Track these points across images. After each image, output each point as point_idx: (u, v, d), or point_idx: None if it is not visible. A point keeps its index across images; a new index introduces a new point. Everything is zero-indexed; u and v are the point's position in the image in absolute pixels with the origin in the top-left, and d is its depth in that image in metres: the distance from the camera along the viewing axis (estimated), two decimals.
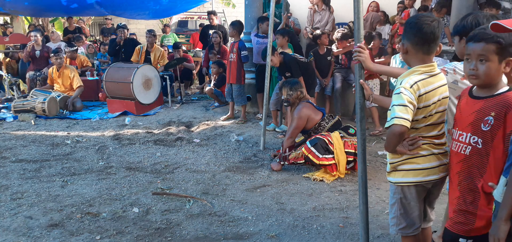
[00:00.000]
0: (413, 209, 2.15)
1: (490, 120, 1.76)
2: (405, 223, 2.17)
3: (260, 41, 6.48)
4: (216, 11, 11.24)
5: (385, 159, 4.71)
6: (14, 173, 4.38)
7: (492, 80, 1.80)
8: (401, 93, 1.95)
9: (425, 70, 2.01)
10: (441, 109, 2.05)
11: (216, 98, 7.68)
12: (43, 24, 13.68)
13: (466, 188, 1.87)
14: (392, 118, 1.94)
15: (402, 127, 1.92)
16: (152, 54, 8.39)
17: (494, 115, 1.75)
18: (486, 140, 1.78)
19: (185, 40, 13.76)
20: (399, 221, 2.18)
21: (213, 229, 3.18)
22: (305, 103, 4.57)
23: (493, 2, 5.59)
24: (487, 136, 1.78)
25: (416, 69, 2.02)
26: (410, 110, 1.93)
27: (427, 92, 1.98)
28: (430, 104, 1.99)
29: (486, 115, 1.78)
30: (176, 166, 4.63)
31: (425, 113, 2.00)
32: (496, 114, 1.74)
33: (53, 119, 6.88)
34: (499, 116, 1.74)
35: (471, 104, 1.87)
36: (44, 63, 8.49)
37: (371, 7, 7.78)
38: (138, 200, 3.69)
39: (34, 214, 3.40)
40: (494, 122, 1.75)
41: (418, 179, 2.09)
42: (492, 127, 1.75)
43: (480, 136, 1.80)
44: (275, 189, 3.95)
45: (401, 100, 1.94)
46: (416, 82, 1.97)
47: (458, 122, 1.93)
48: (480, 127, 1.79)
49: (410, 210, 2.15)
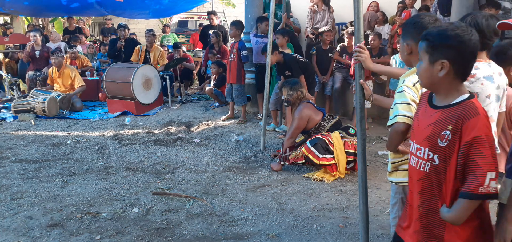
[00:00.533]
0: None
1: (447, 135, 1.56)
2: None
3: (259, 41, 6.48)
4: (216, 11, 11.24)
5: (385, 159, 4.73)
6: (14, 173, 4.38)
7: (430, 84, 1.66)
8: (404, 91, 1.96)
9: None
10: None
11: (216, 98, 7.68)
12: (43, 24, 13.67)
13: (429, 209, 1.67)
14: (395, 116, 1.95)
15: (405, 124, 1.93)
16: (152, 54, 8.39)
17: (451, 129, 1.55)
18: (443, 157, 1.59)
19: (185, 40, 13.76)
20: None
21: (213, 229, 3.18)
22: (306, 103, 4.57)
23: (493, 2, 5.60)
24: (444, 153, 1.58)
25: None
26: (412, 108, 1.94)
27: None
28: None
29: (443, 129, 1.58)
30: (176, 166, 4.63)
31: None
32: (453, 127, 1.55)
33: (53, 119, 6.88)
34: (456, 129, 1.55)
35: (429, 114, 1.67)
36: (44, 63, 8.49)
37: (371, 7, 7.79)
38: (138, 200, 3.69)
39: (34, 214, 3.40)
40: (451, 137, 1.55)
41: None
42: (450, 143, 1.56)
43: (438, 152, 1.60)
44: (275, 189, 3.95)
45: (404, 98, 1.95)
46: (418, 81, 1.97)
47: (416, 134, 1.73)
48: (437, 143, 1.59)
49: None
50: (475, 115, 1.53)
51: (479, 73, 2.20)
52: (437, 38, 1.58)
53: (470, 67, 1.62)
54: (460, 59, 1.58)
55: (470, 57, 1.59)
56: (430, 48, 1.60)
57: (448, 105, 1.61)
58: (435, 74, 1.60)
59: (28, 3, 9.83)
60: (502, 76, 2.30)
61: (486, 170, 1.48)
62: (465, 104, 1.57)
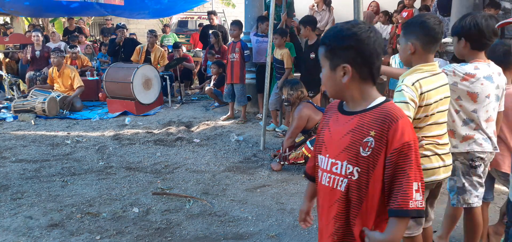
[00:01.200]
0: None
1: (370, 142, 1.36)
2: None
3: (259, 41, 6.48)
4: (216, 11, 11.25)
5: None
6: (14, 173, 4.38)
7: (337, 93, 1.47)
8: (403, 90, 1.96)
9: (427, 69, 2.03)
10: (443, 108, 2.06)
11: (216, 98, 7.68)
12: (43, 24, 13.67)
13: (344, 236, 1.45)
14: None
15: None
16: (152, 54, 8.40)
17: (375, 134, 1.35)
18: (365, 169, 1.38)
19: (185, 40, 13.77)
20: None
21: (213, 229, 3.18)
22: (306, 103, 4.57)
23: (493, 3, 5.60)
24: (367, 164, 1.37)
25: (418, 68, 2.03)
26: (411, 107, 1.94)
27: (429, 91, 1.99)
28: (431, 103, 2.00)
29: (364, 136, 1.37)
30: (176, 166, 4.63)
31: (426, 111, 2.01)
32: (378, 133, 1.35)
33: (53, 119, 6.88)
34: (381, 135, 1.35)
35: (343, 122, 1.45)
36: (44, 63, 8.50)
37: (371, 7, 7.79)
38: (138, 200, 3.69)
39: (34, 214, 3.40)
40: (375, 145, 1.35)
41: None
42: (374, 151, 1.36)
43: (359, 164, 1.38)
44: (275, 189, 3.96)
45: (402, 98, 1.95)
46: (418, 80, 1.98)
47: (329, 147, 1.48)
48: (359, 152, 1.38)
49: None
50: (401, 117, 1.36)
51: (479, 73, 2.21)
52: (334, 41, 1.41)
53: (376, 69, 1.42)
54: (360, 60, 1.38)
55: (372, 57, 1.39)
56: (329, 53, 1.42)
57: (366, 109, 1.41)
58: (338, 81, 1.42)
59: (28, 3, 9.82)
60: (501, 76, 2.31)
61: (413, 180, 1.34)
62: (386, 106, 1.39)
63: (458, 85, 2.22)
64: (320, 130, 1.56)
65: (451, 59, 2.95)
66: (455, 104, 2.27)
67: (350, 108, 1.46)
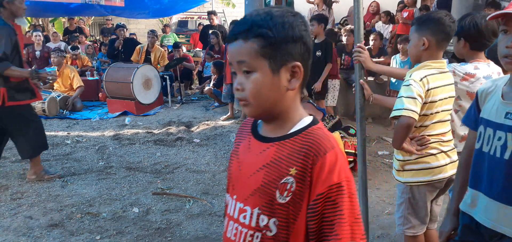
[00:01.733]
0: (421, 209, 2.16)
1: (290, 184, 0.96)
2: (412, 223, 2.18)
3: None
4: (216, 11, 11.25)
5: (385, 160, 4.73)
6: (14, 173, 4.38)
7: (273, 105, 1.00)
8: (411, 85, 1.96)
9: (436, 66, 2.04)
10: (447, 107, 2.08)
11: (216, 98, 7.68)
12: (43, 24, 13.67)
13: None
14: (401, 109, 1.94)
15: (410, 118, 1.93)
16: (153, 54, 8.40)
17: (296, 173, 0.96)
18: (285, 221, 0.99)
19: (185, 40, 13.77)
20: (406, 220, 2.19)
21: (213, 229, 3.18)
22: (306, 104, 4.57)
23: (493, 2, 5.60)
24: (287, 214, 0.98)
25: (427, 64, 2.04)
26: (418, 103, 1.94)
27: (435, 88, 2.00)
28: (436, 100, 2.01)
29: (283, 174, 0.97)
30: (176, 166, 4.63)
31: (431, 108, 2.02)
32: (300, 171, 0.96)
33: (53, 119, 6.87)
34: (303, 174, 0.96)
35: (256, 152, 1.04)
36: (44, 63, 8.48)
37: (371, 7, 7.79)
38: (138, 200, 3.69)
39: (34, 214, 3.40)
40: (296, 188, 0.96)
41: (429, 178, 2.09)
42: (294, 196, 0.97)
43: (276, 215, 0.99)
44: None
45: (410, 92, 1.95)
46: (426, 76, 1.99)
47: (236, 185, 1.09)
48: (275, 198, 0.98)
49: (417, 210, 2.16)
50: (330, 148, 0.96)
51: (479, 73, 2.21)
52: (281, 32, 0.95)
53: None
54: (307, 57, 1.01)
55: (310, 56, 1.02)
56: (269, 48, 0.95)
57: (286, 136, 1.00)
58: (282, 88, 0.99)
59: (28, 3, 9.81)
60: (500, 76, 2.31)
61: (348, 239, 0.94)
62: (312, 131, 0.99)
63: (457, 85, 2.22)
64: (230, 160, 1.14)
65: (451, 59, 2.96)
66: (455, 104, 2.27)
67: (266, 131, 1.05)
